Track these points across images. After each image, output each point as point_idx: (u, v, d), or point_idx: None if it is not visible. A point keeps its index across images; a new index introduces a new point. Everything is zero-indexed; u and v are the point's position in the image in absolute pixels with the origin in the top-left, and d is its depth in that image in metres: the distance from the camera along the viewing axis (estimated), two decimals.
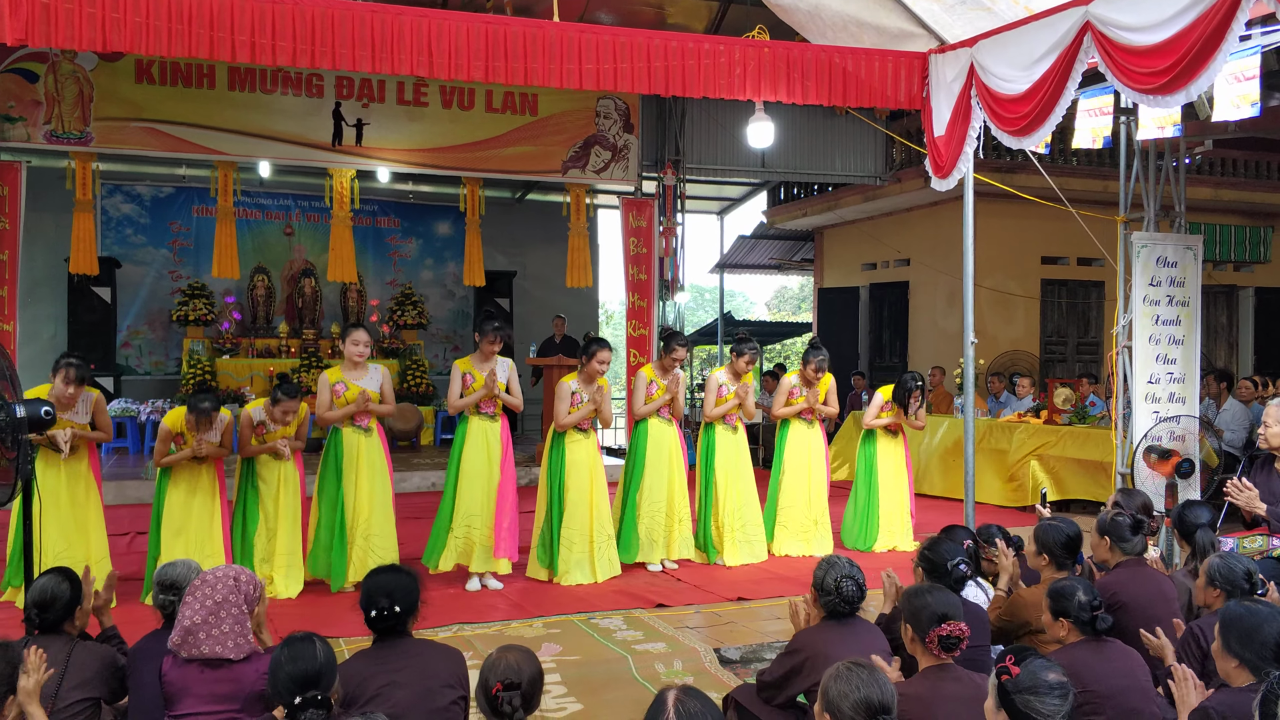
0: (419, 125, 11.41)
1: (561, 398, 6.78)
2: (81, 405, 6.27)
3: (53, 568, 3.68)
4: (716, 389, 7.55)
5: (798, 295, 36.58)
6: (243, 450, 6.49)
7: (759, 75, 6.71)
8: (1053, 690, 2.58)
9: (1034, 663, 2.64)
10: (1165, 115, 6.74)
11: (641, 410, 7.25)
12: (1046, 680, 2.59)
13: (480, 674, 2.81)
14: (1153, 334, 7.71)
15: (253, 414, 6.48)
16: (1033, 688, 2.59)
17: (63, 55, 10.01)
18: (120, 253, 13.77)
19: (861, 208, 14.56)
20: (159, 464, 6.37)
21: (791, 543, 7.73)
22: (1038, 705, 2.57)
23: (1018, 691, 2.60)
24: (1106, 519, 4.40)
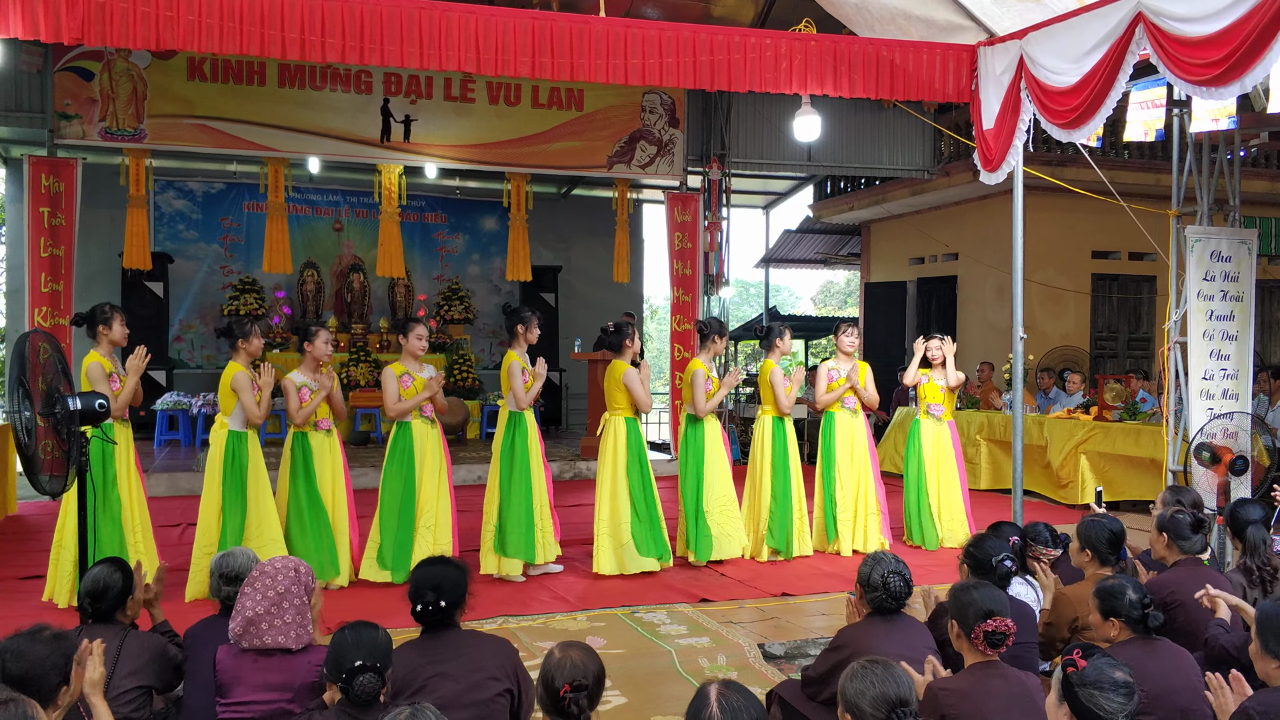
0: (466, 121, 11.49)
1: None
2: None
3: (105, 558, 3.75)
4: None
5: (844, 290, 36.34)
6: (300, 418, 6.40)
7: (805, 69, 6.68)
8: (1118, 688, 2.56)
9: (1101, 659, 2.62)
10: (1219, 107, 6.60)
11: (705, 408, 7.21)
12: (1113, 677, 2.57)
13: (543, 673, 2.77)
14: (1206, 329, 7.57)
15: (294, 378, 6.43)
16: (1097, 682, 2.57)
17: (117, 53, 10.21)
18: (173, 248, 14.02)
19: (909, 201, 14.43)
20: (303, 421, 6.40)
21: (851, 537, 7.69)
22: (1101, 700, 2.55)
23: (1082, 685, 2.58)
24: (1166, 516, 4.33)
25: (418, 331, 6.75)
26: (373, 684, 2.74)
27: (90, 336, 6.22)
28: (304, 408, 6.38)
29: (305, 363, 6.55)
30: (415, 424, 6.70)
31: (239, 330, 6.31)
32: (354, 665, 2.74)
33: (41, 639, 2.80)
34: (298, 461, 6.44)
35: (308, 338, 6.53)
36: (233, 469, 6.18)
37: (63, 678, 2.79)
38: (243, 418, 6.21)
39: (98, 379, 6.00)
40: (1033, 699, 3.17)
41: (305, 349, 6.54)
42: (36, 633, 2.82)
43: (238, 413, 6.22)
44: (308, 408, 6.39)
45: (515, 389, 6.81)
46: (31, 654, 2.76)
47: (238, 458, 6.19)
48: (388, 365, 6.80)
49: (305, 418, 6.40)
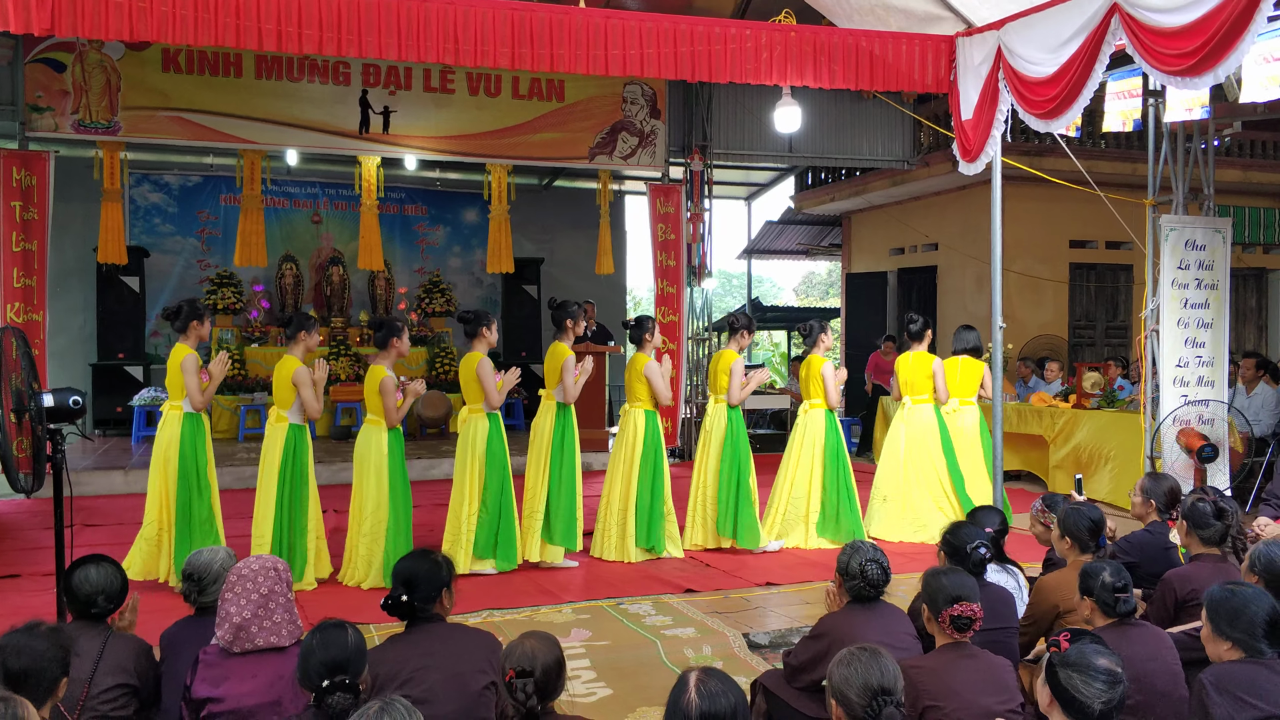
0: (446, 112, 11.44)
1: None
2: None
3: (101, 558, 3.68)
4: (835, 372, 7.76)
5: (825, 280, 36.43)
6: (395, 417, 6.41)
7: (786, 60, 6.69)
8: (1099, 675, 2.56)
9: (1089, 645, 2.63)
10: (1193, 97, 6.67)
11: (739, 396, 7.34)
12: (1095, 664, 2.57)
13: (497, 660, 2.85)
14: (1181, 317, 7.64)
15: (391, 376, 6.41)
16: (1079, 666, 2.58)
17: (90, 45, 10.10)
18: (148, 242, 13.89)
19: (889, 192, 14.48)
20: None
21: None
22: (1079, 684, 2.56)
23: (1063, 665, 2.60)
24: (1187, 504, 4.35)
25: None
26: (345, 701, 2.70)
27: (180, 331, 6.33)
28: (400, 407, 6.38)
29: (391, 359, 6.48)
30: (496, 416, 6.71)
31: (300, 324, 6.41)
32: (324, 685, 2.72)
33: (39, 633, 2.83)
34: (302, 454, 6.38)
35: (395, 333, 6.48)
36: (293, 462, 6.27)
37: (62, 670, 2.80)
38: (301, 411, 6.27)
39: (191, 370, 6.14)
40: (1000, 678, 3.23)
41: (393, 344, 6.47)
42: (33, 628, 2.85)
43: (296, 406, 6.27)
44: (403, 408, 6.40)
45: (567, 383, 6.85)
46: (31, 649, 2.78)
47: (299, 451, 6.28)
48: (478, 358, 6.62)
49: (400, 417, 6.40)
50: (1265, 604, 3.07)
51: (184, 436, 6.19)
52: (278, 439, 6.26)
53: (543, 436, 6.92)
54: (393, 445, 6.39)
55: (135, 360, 13.09)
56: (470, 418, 6.70)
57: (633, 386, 7.18)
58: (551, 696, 2.80)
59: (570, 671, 4.70)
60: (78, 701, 3.22)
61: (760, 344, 26.97)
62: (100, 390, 12.89)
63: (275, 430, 6.29)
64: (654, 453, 7.09)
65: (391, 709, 2.30)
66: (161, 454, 6.24)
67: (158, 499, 6.28)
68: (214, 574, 3.54)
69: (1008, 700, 3.21)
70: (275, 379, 6.34)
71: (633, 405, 7.17)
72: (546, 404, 6.97)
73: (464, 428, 6.71)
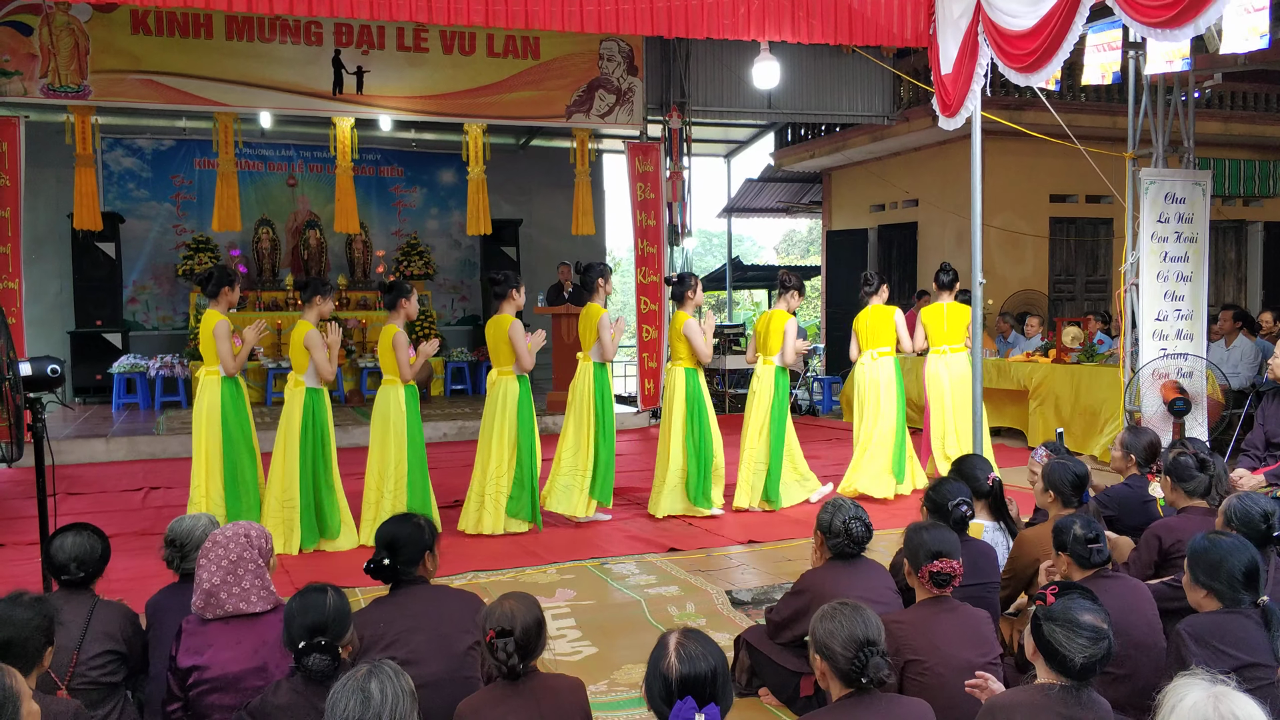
0: (420, 71, 11.29)
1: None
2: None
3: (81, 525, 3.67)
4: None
5: (806, 238, 36.39)
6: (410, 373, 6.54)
7: (764, 14, 6.63)
8: (1082, 630, 2.56)
9: (1077, 601, 2.64)
10: (1174, 49, 6.62)
11: (794, 357, 7.41)
12: (1079, 619, 2.58)
13: (478, 621, 2.86)
14: (1161, 271, 7.67)
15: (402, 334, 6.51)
16: (1063, 620, 2.59)
17: (57, 7, 9.89)
18: (123, 207, 13.74)
19: (869, 148, 14.42)
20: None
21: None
22: (1062, 638, 2.57)
23: (1047, 619, 2.62)
24: (1169, 458, 4.37)
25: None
26: (323, 663, 2.72)
27: (211, 296, 6.32)
28: (413, 364, 6.50)
29: (401, 320, 6.56)
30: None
31: (315, 289, 6.42)
32: (300, 647, 2.73)
33: (23, 603, 2.82)
34: (322, 417, 6.43)
35: (404, 294, 6.57)
36: (313, 424, 6.32)
37: (46, 640, 2.81)
38: (317, 374, 6.32)
39: (224, 336, 6.18)
40: (980, 631, 3.28)
41: (401, 305, 6.55)
42: (16, 598, 2.84)
43: (312, 370, 6.32)
44: (417, 364, 6.52)
45: (606, 341, 6.91)
46: (15, 619, 2.78)
47: (317, 413, 6.34)
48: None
49: (414, 374, 6.52)
50: (1245, 555, 3.10)
51: (224, 400, 6.25)
52: (296, 403, 6.32)
53: (582, 397, 7.00)
54: (410, 402, 6.49)
55: (113, 327, 12.99)
56: (500, 379, 6.80)
57: (674, 344, 7.21)
58: (533, 655, 2.81)
59: (555, 631, 4.74)
60: (67, 669, 3.24)
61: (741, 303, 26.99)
62: (79, 358, 12.80)
63: (294, 395, 6.35)
64: (699, 408, 7.13)
65: (380, 671, 2.30)
66: (203, 419, 6.29)
67: (203, 463, 6.32)
68: (195, 540, 3.53)
69: (987, 653, 3.25)
70: (290, 344, 6.40)
71: (675, 363, 7.22)
72: (584, 365, 7.05)
73: (493, 389, 6.82)
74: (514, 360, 6.72)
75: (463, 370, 14.00)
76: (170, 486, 8.38)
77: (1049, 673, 2.62)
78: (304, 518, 6.30)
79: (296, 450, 6.27)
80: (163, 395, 12.24)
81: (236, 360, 6.25)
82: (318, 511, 6.38)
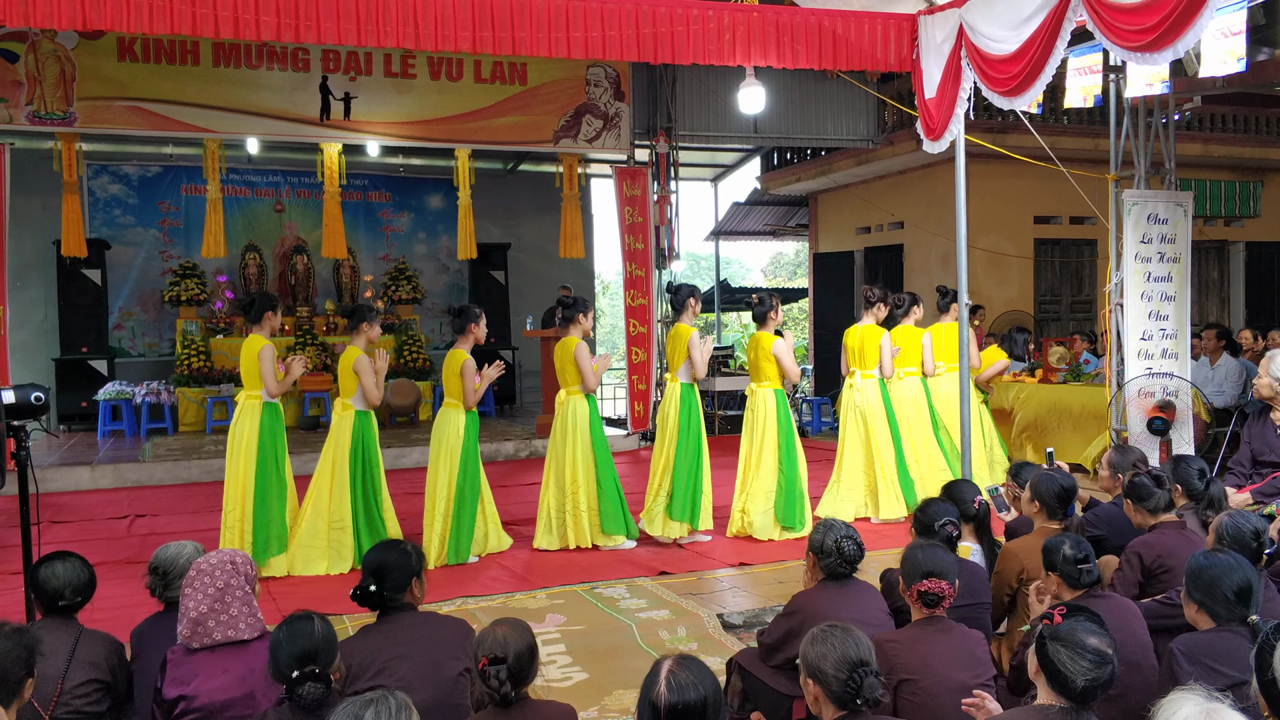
0: (408, 98, 11.33)
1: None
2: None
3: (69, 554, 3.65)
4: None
5: (793, 261, 36.53)
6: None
7: (749, 40, 6.67)
8: (1087, 653, 2.54)
9: (1085, 623, 2.62)
10: (1154, 72, 6.70)
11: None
12: (1085, 642, 2.55)
13: (470, 647, 2.85)
14: (1145, 291, 7.72)
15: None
16: (1068, 641, 2.56)
17: (43, 34, 9.90)
18: (109, 234, 13.71)
19: (854, 171, 14.52)
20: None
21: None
22: (1065, 659, 2.54)
23: (1052, 638, 2.59)
24: (1126, 482, 4.40)
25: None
26: (317, 691, 2.69)
27: (255, 321, 6.48)
28: (478, 389, 6.67)
29: (469, 344, 6.73)
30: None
31: (362, 315, 6.64)
32: (294, 676, 2.70)
33: (2, 634, 2.77)
34: (370, 439, 6.61)
35: (473, 320, 6.74)
36: (362, 447, 6.51)
37: (27, 671, 2.76)
38: (364, 398, 6.51)
39: (269, 360, 6.32)
40: (973, 652, 3.28)
41: (470, 330, 6.73)
42: None
43: (359, 394, 6.52)
44: (480, 390, 6.69)
45: (697, 360, 6.99)
46: None
47: (366, 436, 6.54)
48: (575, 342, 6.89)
49: (477, 400, 6.69)
50: (1239, 574, 3.12)
51: (263, 425, 6.37)
52: (345, 426, 6.52)
53: (668, 419, 7.06)
54: (469, 427, 6.64)
55: (99, 354, 12.93)
56: (568, 399, 6.95)
57: (760, 366, 7.19)
58: (525, 682, 2.80)
59: (546, 657, 4.71)
60: (51, 698, 3.20)
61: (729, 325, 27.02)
62: (64, 385, 12.73)
63: (342, 418, 6.54)
64: (787, 432, 7.15)
65: (383, 703, 2.27)
66: (242, 442, 6.38)
67: (238, 486, 6.40)
68: (180, 569, 3.50)
69: (980, 673, 3.25)
70: (340, 368, 6.63)
71: (759, 385, 7.23)
72: (672, 386, 7.12)
73: (561, 409, 6.96)
74: (580, 380, 6.89)
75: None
76: (155, 514, 8.32)
77: (1049, 693, 2.60)
78: (356, 539, 6.43)
79: (346, 472, 6.45)
80: (148, 422, 12.17)
81: (280, 385, 6.37)
82: (374, 532, 6.48)
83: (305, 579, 6.37)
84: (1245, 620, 3.10)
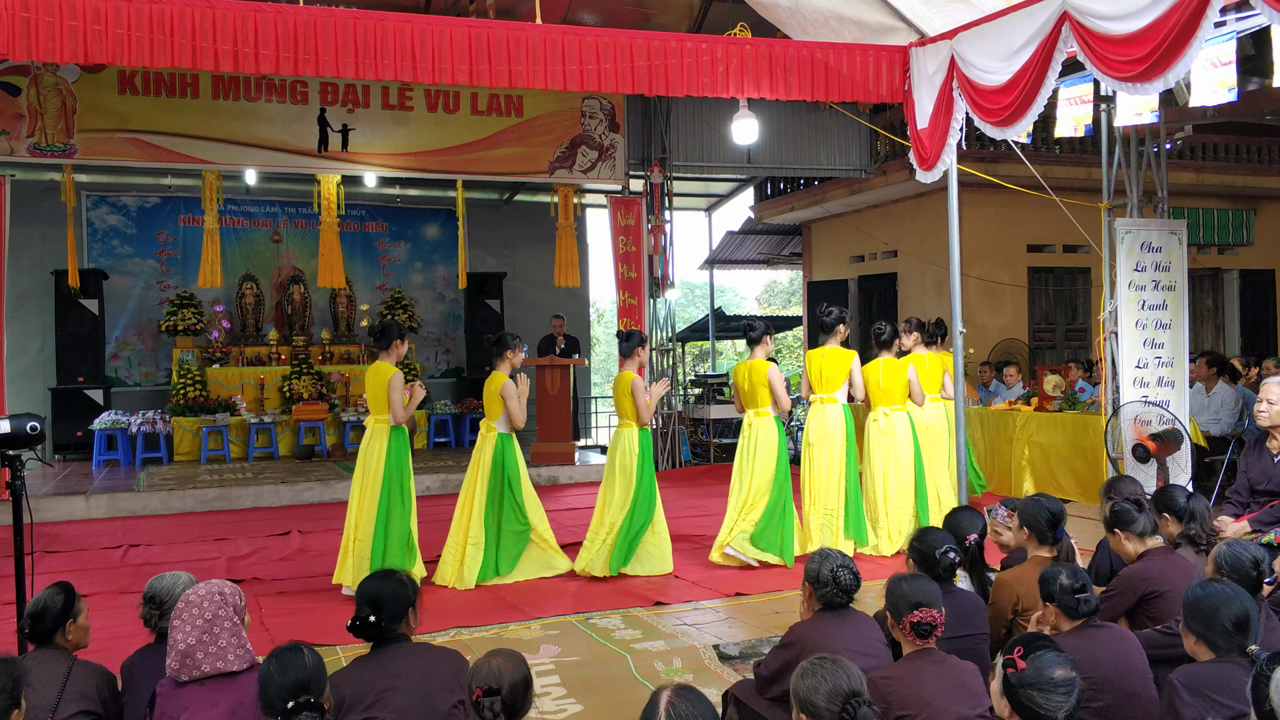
0: (405, 129, 11.41)
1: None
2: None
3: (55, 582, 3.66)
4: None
5: (788, 289, 36.62)
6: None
7: (742, 72, 6.74)
8: (1058, 687, 2.58)
9: (1044, 657, 2.64)
10: (1144, 102, 6.77)
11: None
12: (1052, 677, 2.59)
13: (464, 679, 2.83)
14: (1139, 319, 7.76)
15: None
16: (1037, 684, 2.60)
17: (45, 68, 9.99)
18: (107, 264, 13.74)
19: (848, 201, 14.60)
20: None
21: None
22: (1040, 700, 2.58)
23: (1022, 685, 2.61)
24: (1108, 513, 4.40)
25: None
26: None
27: (383, 349, 6.70)
28: (649, 405, 6.96)
29: (635, 365, 7.04)
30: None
31: (507, 343, 6.98)
32: (289, 706, 2.69)
33: None
34: (512, 460, 6.89)
35: (640, 342, 7.08)
36: (502, 467, 6.81)
37: (11, 702, 2.74)
38: (507, 421, 6.82)
39: (398, 387, 6.54)
40: (968, 684, 3.25)
41: (637, 353, 7.06)
42: None
43: (503, 417, 6.83)
44: (651, 406, 6.98)
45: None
46: None
47: (507, 457, 6.82)
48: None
49: (651, 416, 7.01)
50: (1237, 604, 3.11)
51: (390, 449, 6.54)
52: (488, 447, 6.84)
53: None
54: (644, 444, 6.95)
55: (95, 384, 12.91)
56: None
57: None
58: (519, 714, 2.78)
59: (540, 688, 4.69)
60: None
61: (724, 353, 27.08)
62: (60, 415, 12.71)
63: (486, 439, 6.87)
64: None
65: None
66: (370, 463, 6.55)
67: (362, 507, 6.56)
68: (175, 599, 3.49)
69: (976, 705, 3.23)
70: (485, 392, 6.96)
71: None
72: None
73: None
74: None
75: (446, 423, 13.95)
76: (150, 544, 8.29)
77: None
78: (491, 558, 6.79)
79: (485, 491, 6.77)
80: (144, 451, 12.14)
81: (406, 410, 6.55)
82: (500, 549, 6.81)
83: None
84: (1245, 651, 3.10)
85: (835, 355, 7.42)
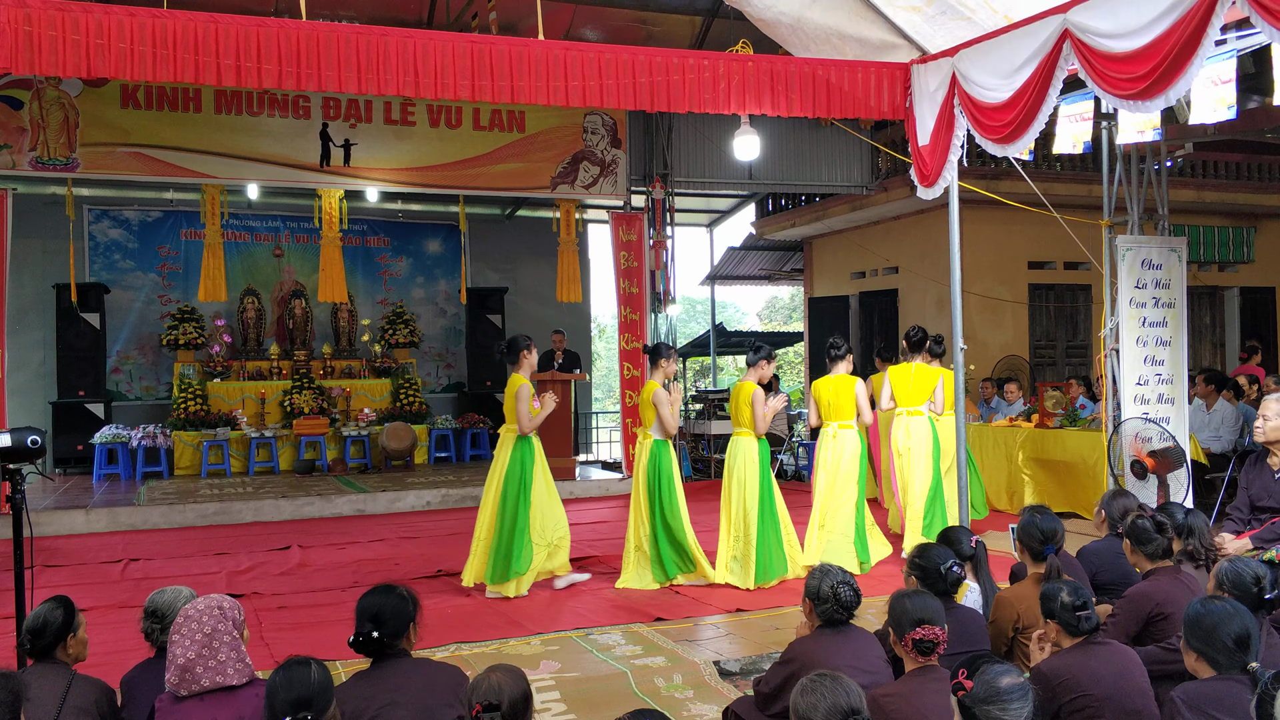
0: (407, 144, 11.44)
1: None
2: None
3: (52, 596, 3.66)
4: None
5: (789, 305, 36.65)
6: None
7: (744, 89, 6.75)
8: (1012, 696, 2.58)
9: (989, 671, 2.64)
10: (1145, 119, 6.78)
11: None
12: (1001, 687, 2.59)
13: (464, 694, 2.82)
14: (1140, 336, 7.75)
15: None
16: (990, 698, 2.59)
17: (47, 82, 10.03)
18: (109, 278, 13.76)
19: (849, 217, 14.62)
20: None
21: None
22: (998, 714, 2.57)
23: (975, 703, 2.61)
24: (1128, 523, 4.40)
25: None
26: None
27: (512, 363, 7.03)
28: (767, 417, 7.10)
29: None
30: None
31: (662, 353, 7.22)
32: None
33: None
34: (667, 465, 7.10)
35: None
36: (655, 473, 7.05)
37: (12, 716, 2.73)
38: (662, 428, 7.07)
39: (525, 398, 6.84)
40: None
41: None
42: None
43: (658, 424, 7.08)
44: (769, 416, 7.08)
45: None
46: None
47: (662, 462, 7.06)
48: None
49: (768, 426, 7.13)
50: (1238, 621, 3.10)
51: (514, 457, 6.87)
52: (644, 453, 7.12)
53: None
54: (762, 454, 7.10)
55: (96, 398, 12.91)
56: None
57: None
58: None
59: (540, 704, 4.67)
60: None
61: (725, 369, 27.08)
62: (61, 428, 12.71)
63: (643, 446, 7.15)
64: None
65: None
66: (497, 472, 6.93)
67: (488, 512, 6.93)
68: (176, 612, 3.48)
69: None
70: (640, 401, 7.29)
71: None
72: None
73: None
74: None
75: (447, 438, 13.93)
76: (150, 558, 8.27)
77: None
78: (658, 559, 7.03)
79: (645, 497, 7.04)
80: (144, 465, 12.13)
81: (533, 421, 6.83)
82: (675, 552, 7.04)
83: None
84: (1246, 668, 3.09)
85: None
